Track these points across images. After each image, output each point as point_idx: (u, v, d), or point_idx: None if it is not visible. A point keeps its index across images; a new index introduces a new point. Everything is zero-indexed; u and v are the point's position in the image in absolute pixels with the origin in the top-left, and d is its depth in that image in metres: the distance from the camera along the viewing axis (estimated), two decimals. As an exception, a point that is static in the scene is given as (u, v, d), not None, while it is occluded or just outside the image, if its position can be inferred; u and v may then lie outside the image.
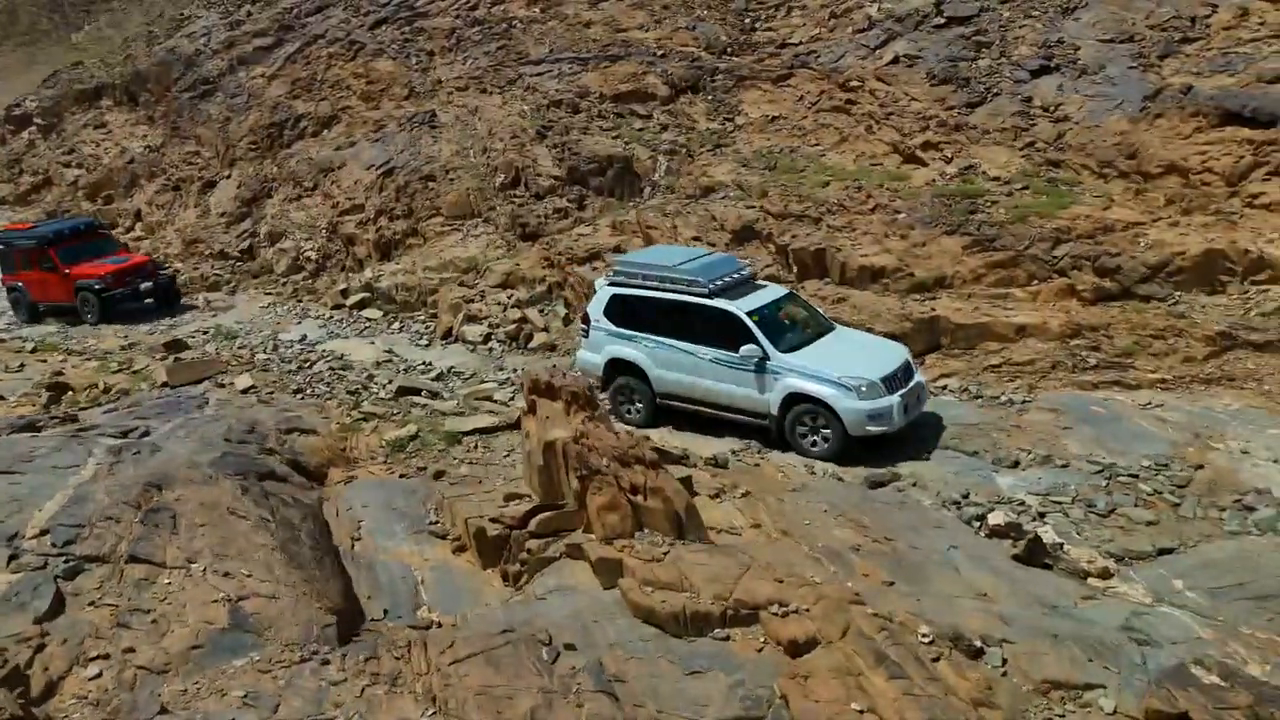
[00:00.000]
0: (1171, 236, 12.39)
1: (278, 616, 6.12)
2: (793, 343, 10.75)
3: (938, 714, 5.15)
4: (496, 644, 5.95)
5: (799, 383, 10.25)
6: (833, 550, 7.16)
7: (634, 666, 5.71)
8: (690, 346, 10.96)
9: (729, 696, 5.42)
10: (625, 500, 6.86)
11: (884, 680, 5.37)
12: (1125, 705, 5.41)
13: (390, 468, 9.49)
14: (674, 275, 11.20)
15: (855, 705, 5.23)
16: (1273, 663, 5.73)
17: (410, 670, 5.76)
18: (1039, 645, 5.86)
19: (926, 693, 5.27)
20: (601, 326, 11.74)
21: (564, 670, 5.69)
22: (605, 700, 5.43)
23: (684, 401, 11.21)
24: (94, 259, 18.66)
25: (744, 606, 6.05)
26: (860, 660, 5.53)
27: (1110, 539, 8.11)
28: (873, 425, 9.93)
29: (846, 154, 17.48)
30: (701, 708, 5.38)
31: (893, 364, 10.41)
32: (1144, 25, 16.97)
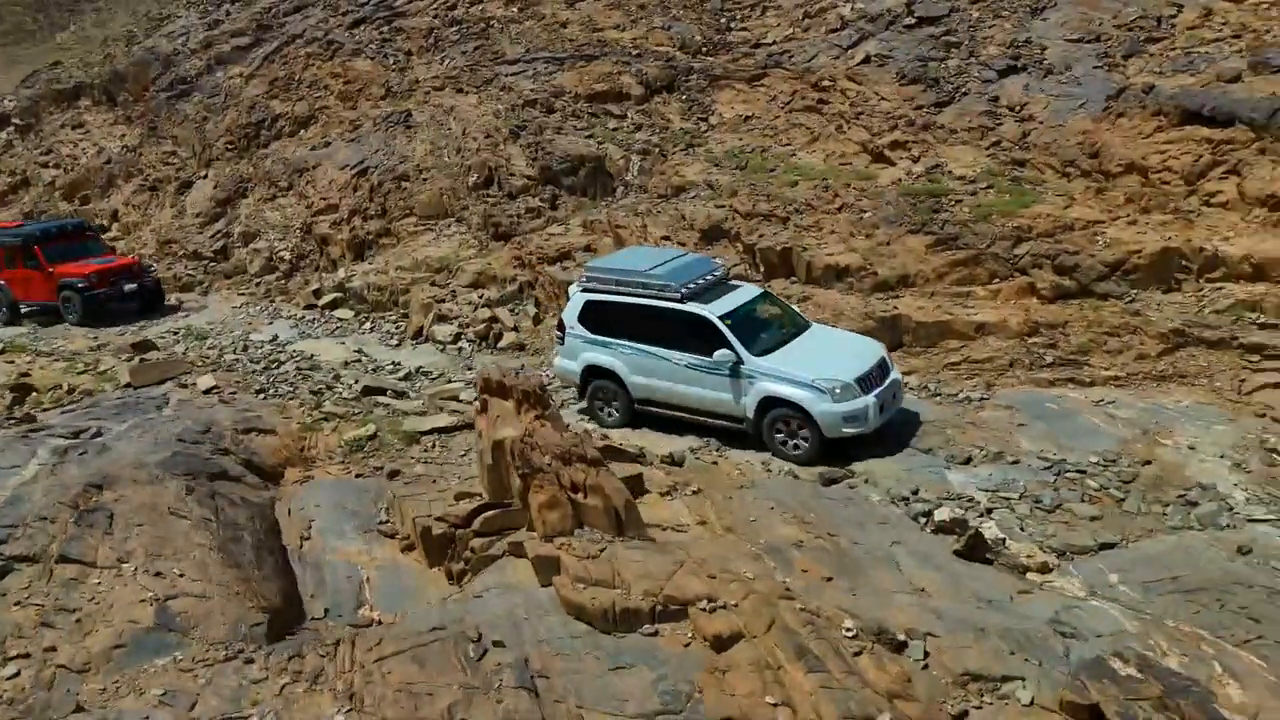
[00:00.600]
0: (1129, 235, 12.52)
1: (205, 616, 6.17)
2: (767, 345, 10.69)
3: (852, 706, 5.23)
4: (424, 641, 6.02)
5: (773, 386, 10.17)
6: (774, 547, 7.25)
7: (559, 663, 5.77)
8: (665, 352, 10.91)
9: (650, 691, 5.50)
10: (566, 498, 6.93)
11: (803, 674, 5.44)
12: (1042, 697, 5.50)
13: (347, 467, 9.53)
14: (646, 280, 11.15)
15: (770, 698, 5.31)
16: (1192, 655, 5.83)
17: (334, 668, 5.82)
18: (963, 639, 5.95)
19: (843, 685, 5.35)
20: (577, 333, 11.70)
21: (490, 667, 5.76)
22: (525, 696, 5.50)
23: (661, 407, 11.17)
24: (80, 259, 18.56)
25: (673, 602, 6.13)
26: (781, 654, 5.61)
27: (1054, 534, 8.21)
28: (849, 427, 9.88)
29: (817, 153, 17.58)
30: (622, 703, 5.45)
31: (868, 363, 10.38)
32: (1111, 25, 17.14)
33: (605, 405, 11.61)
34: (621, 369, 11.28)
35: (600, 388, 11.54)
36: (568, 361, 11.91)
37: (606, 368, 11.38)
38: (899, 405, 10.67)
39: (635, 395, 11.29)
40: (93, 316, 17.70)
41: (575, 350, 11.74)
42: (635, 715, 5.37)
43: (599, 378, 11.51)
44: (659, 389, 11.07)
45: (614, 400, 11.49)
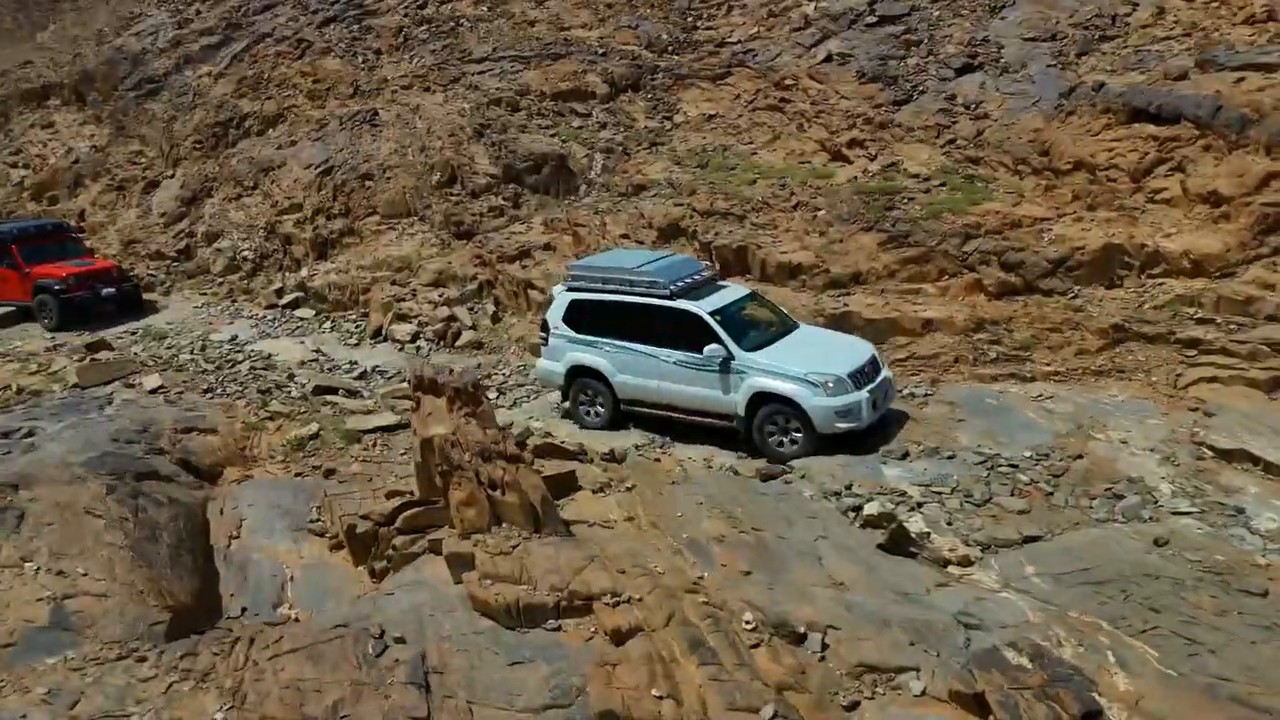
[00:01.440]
0: (1075, 232, 12.64)
1: (103, 615, 6.20)
2: (757, 341, 10.60)
3: (738, 698, 5.30)
4: (324, 639, 6.06)
5: (765, 381, 10.05)
6: (697, 541, 7.32)
7: (458, 659, 5.83)
8: (652, 350, 10.79)
9: (543, 686, 5.56)
10: (484, 495, 6.98)
11: (695, 667, 5.51)
12: (935, 688, 5.58)
13: (288, 466, 9.56)
14: (634, 278, 11.05)
15: (656, 691, 5.38)
16: (1088, 645, 5.92)
17: (225, 666, 5.86)
18: (864, 631, 6.03)
19: (733, 678, 5.43)
20: (561, 333, 11.55)
21: (387, 663, 5.81)
22: (414, 691, 5.56)
23: (648, 406, 10.99)
24: (58, 260, 18.11)
25: (578, 598, 6.19)
26: (676, 647, 5.68)
27: (981, 528, 8.31)
28: (842, 422, 9.79)
29: (778, 152, 17.66)
30: (514, 697, 5.51)
31: (859, 360, 10.32)
32: (1068, 24, 17.27)
33: (589, 406, 11.45)
34: (607, 368, 11.14)
35: (585, 386, 11.38)
36: (551, 363, 11.72)
37: (592, 368, 11.24)
38: (890, 404, 10.59)
39: (622, 395, 11.14)
40: (69, 321, 17.20)
41: (559, 351, 11.57)
42: (525, 709, 5.43)
43: (584, 378, 11.35)
44: (647, 388, 10.93)
45: (598, 400, 11.35)
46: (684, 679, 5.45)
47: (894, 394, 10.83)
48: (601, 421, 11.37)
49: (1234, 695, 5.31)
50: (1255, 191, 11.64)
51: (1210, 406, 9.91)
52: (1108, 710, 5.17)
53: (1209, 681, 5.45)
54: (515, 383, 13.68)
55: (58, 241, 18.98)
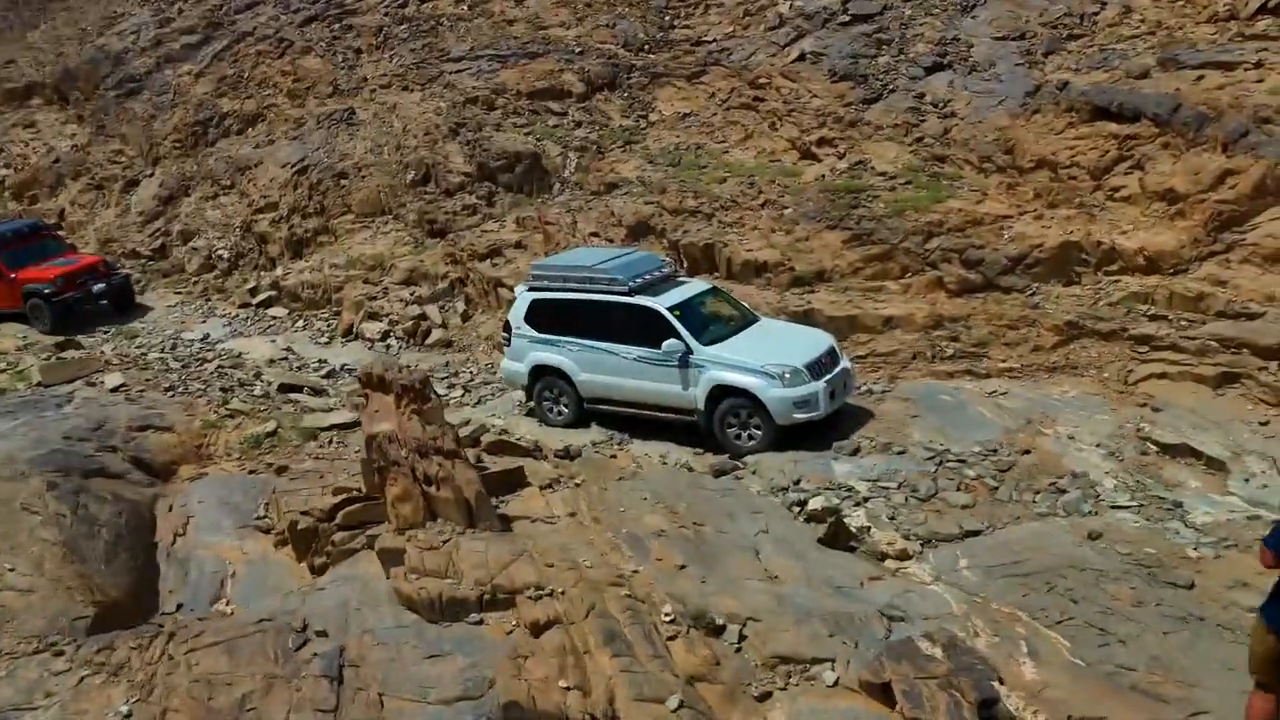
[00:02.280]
0: (1034, 229, 12.74)
1: (24, 609, 6.28)
2: (716, 335, 10.68)
3: (645, 689, 5.38)
4: (246, 633, 6.14)
5: (723, 374, 10.17)
6: (635, 536, 7.40)
7: (377, 652, 5.92)
8: (614, 347, 10.87)
9: (458, 678, 5.64)
10: (419, 491, 7.06)
11: (608, 658, 5.60)
12: (848, 678, 5.67)
13: (243, 464, 9.63)
14: (593, 275, 11.12)
15: (564, 683, 5.46)
16: (1003, 635, 6.02)
17: (141, 660, 5.93)
18: (783, 623, 6.11)
19: (645, 670, 5.51)
20: (523, 333, 11.61)
21: (305, 656, 5.89)
22: (325, 684, 5.64)
23: (612, 404, 11.10)
24: (41, 262, 17.59)
25: (502, 591, 6.27)
26: (591, 639, 5.77)
27: (923, 522, 8.39)
28: (799, 413, 9.91)
29: (750, 150, 17.75)
30: (428, 689, 5.60)
31: (817, 351, 10.41)
32: (1037, 23, 17.36)
33: (553, 404, 11.54)
34: (570, 367, 11.21)
35: (549, 385, 11.46)
36: (514, 363, 11.77)
37: (555, 366, 11.31)
38: (850, 394, 10.68)
39: (585, 393, 11.20)
40: (64, 324, 16.57)
41: (522, 351, 11.63)
42: (437, 701, 5.52)
43: (548, 376, 11.43)
44: (609, 385, 11.00)
45: (562, 398, 11.42)
46: (595, 670, 5.53)
47: (854, 384, 10.88)
48: (566, 419, 11.42)
49: (1134, 684, 5.41)
50: (1210, 189, 11.73)
51: (1158, 402, 10.01)
52: (1006, 699, 5.27)
53: (1113, 670, 5.54)
54: (482, 380, 13.78)
55: (36, 241, 18.57)
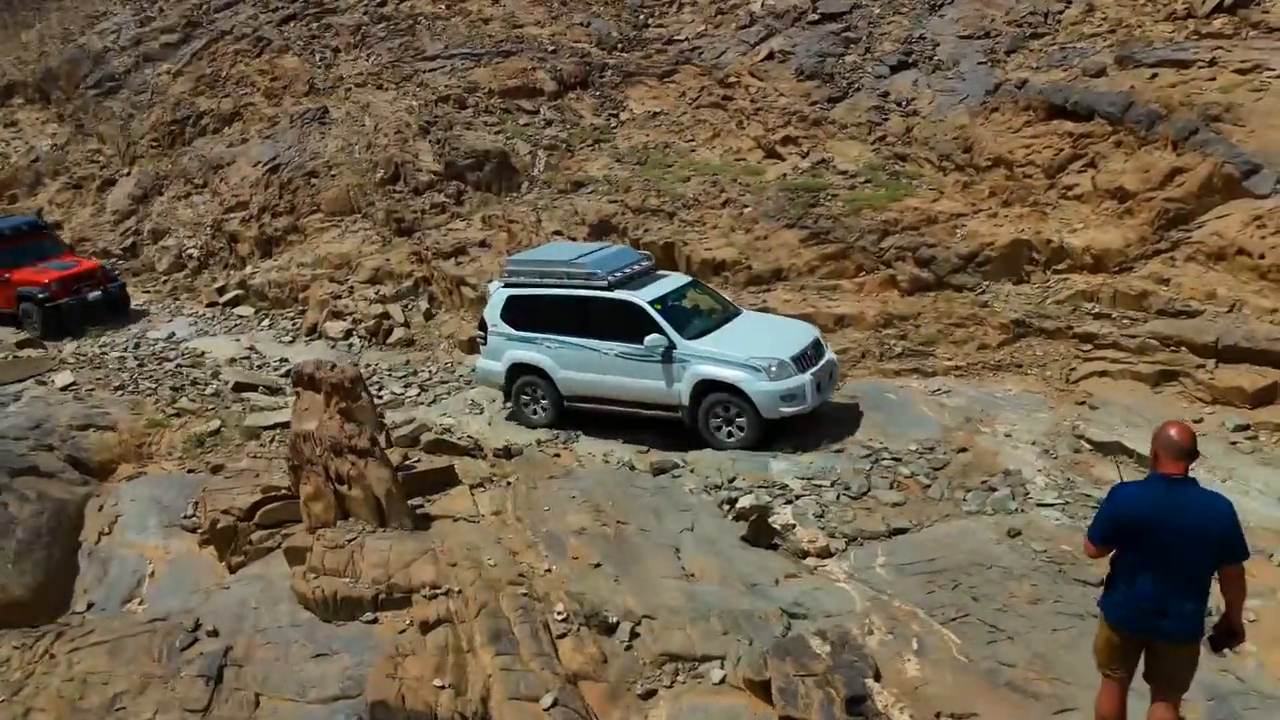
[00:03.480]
0: (987, 228, 12.76)
1: None
2: (699, 329, 10.45)
3: (521, 688, 5.40)
4: (134, 632, 6.18)
5: (707, 369, 9.93)
6: (554, 535, 7.43)
7: (266, 651, 5.95)
8: (594, 343, 10.59)
9: (339, 678, 5.68)
10: (330, 490, 7.10)
11: (490, 657, 5.62)
12: (734, 676, 5.70)
13: (183, 463, 9.67)
14: (571, 270, 10.83)
15: (438, 682, 5.48)
16: (897, 633, 6.04)
17: (21, 660, 5.97)
18: (679, 621, 6.14)
19: (526, 668, 5.53)
20: (500, 331, 11.29)
21: (190, 656, 5.92)
22: (201, 684, 5.67)
23: (592, 402, 10.81)
24: (37, 263, 16.90)
25: (398, 590, 6.30)
26: (477, 638, 5.79)
27: (851, 519, 8.41)
28: (786, 406, 9.72)
29: (717, 149, 17.76)
30: (309, 688, 5.63)
31: (801, 343, 10.20)
32: (1003, 21, 17.39)
33: (532, 402, 11.27)
34: (549, 364, 10.93)
35: (527, 384, 11.18)
36: (490, 362, 11.48)
37: (533, 365, 11.02)
38: (835, 387, 10.54)
39: (565, 392, 10.92)
40: (56, 329, 16.02)
41: (499, 349, 11.33)
42: (314, 701, 5.55)
43: (526, 375, 11.15)
44: (589, 383, 10.74)
45: (541, 397, 11.16)
46: (475, 669, 5.56)
47: (839, 376, 10.74)
48: (547, 419, 11.16)
49: (1011, 681, 5.43)
50: (1159, 187, 11.75)
51: (1096, 400, 10.03)
52: (878, 696, 5.30)
53: (993, 668, 5.56)
54: (439, 379, 13.80)
55: (35, 240, 17.79)
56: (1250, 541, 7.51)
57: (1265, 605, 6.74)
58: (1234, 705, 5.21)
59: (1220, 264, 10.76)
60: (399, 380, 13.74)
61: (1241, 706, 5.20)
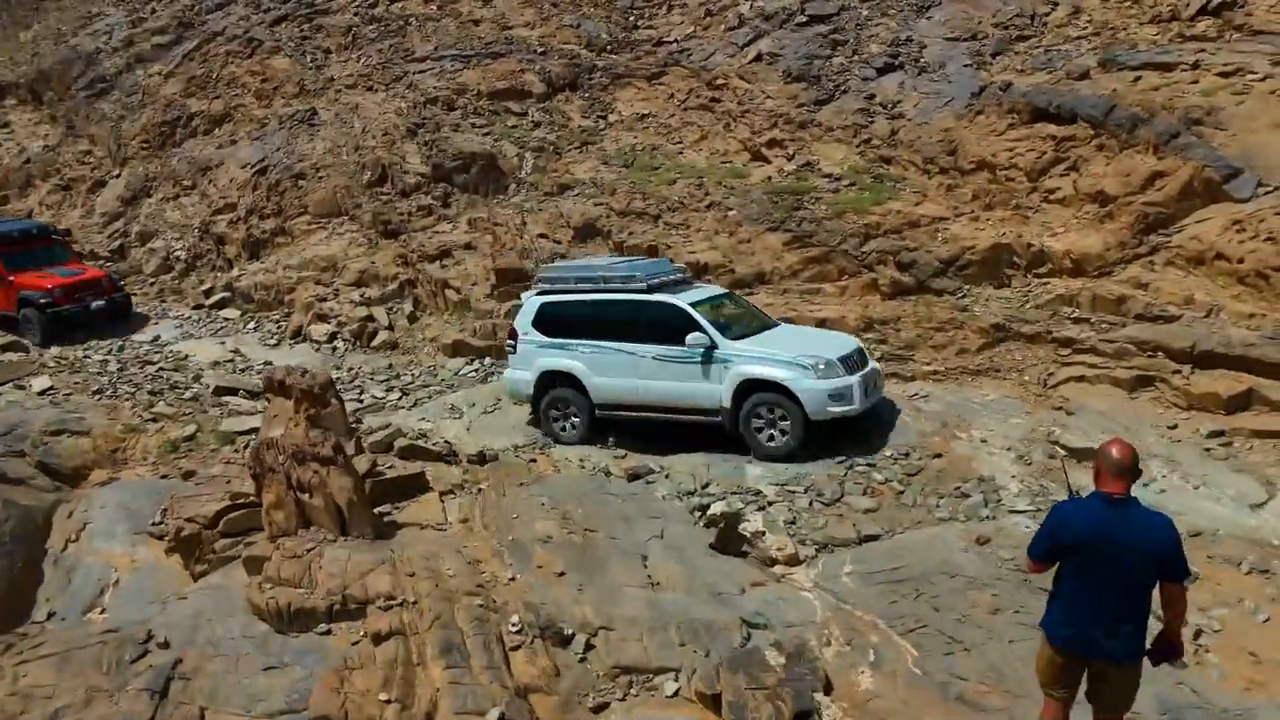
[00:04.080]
0: (968, 231, 12.72)
1: None
2: (739, 333, 10.25)
3: (468, 702, 5.36)
4: (87, 644, 6.15)
5: (751, 368, 9.61)
6: (520, 543, 7.40)
7: (216, 664, 5.92)
8: (630, 347, 10.27)
9: (287, 691, 5.65)
10: (292, 498, 7.07)
11: (440, 670, 5.59)
12: (687, 689, 5.67)
13: (156, 468, 9.64)
14: (608, 275, 10.65)
15: (385, 695, 5.45)
16: (855, 643, 6.02)
17: None
18: (635, 632, 6.10)
19: (475, 681, 5.50)
20: (531, 339, 10.92)
21: (140, 668, 5.89)
22: (145, 698, 5.64)
23: (627, 409, 10.39)
24: (44, 268, 16.62)
25: (353, 601, 6.27)
26: (429, 650, 5.77)
27: (823, 526, 8.39)
28: (834, 405, 9.38)
29: (703, 151, 17.74)
30: (256, 702, 5.60)
31: (846, 349, 9.98)
32: (990, 23, 17.35)
33: (562, 419, 10.80)
34: (582, 370, 10.53)
35: (557, 399, 10.72)
36: (520, 371, 11.02)
37: (565, 371, 10.61)
38: (880, 394, 10.24)
39: (598, 399, 10.51)
40: (56, 336, 15.73)
41: (529, 357, 10.90)
42: (261, 715, 5.52)
43: (557, 386, 10.70)
44: (624, 388, 10.35)
45: (571, 410, 10.69)
46: (424, 682, 5.53)
47: (883, 384, 10.46)
48: (578, 435, 10.67)
49: (961, 694, 5.40)
50: (1140, 191, 11.72)
51: (1073, 405, 10.00)
52: (828, 709, 5.27)
53: (946, 680, 5.54)
54: (421, 383, 13.77)
55: (42, 245, 17.44)
56: (1219, 550, 7.58)
57: (1231, 614, 6.72)
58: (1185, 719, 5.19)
59: (1199, 269, 10.72)
60: (380, 384, 13.72)
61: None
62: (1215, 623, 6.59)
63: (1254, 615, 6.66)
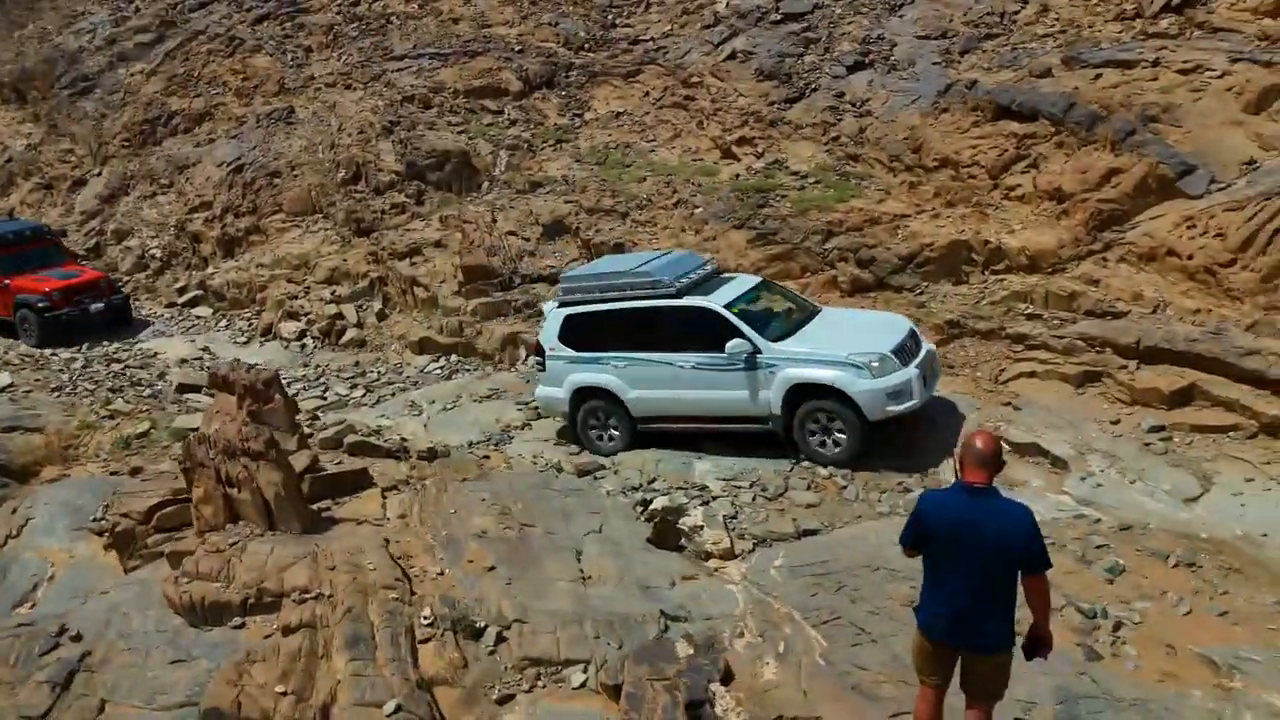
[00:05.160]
0: (929, 228, 12.75)
1: None
2: (782, 330, 9.64)
3: (367, 694, 5.40)
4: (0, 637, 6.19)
5: (800, 371, 9.01)
6: (453, 538, 7.45)
7: (125, 657, 5.97)
8: (666, 357, 9.70)
9: (191, 684, 5.70)
10: (220, 493, 7.12)
11: (345, 662, 5.63)
12: (595, 681, 5.72)
13: (108, 465, 9.69)
14: (633, 280, 9.97)
15: (282, 688, 5.49)
16: (768, 635, 6.06)
17: None
18: (550, 625, 6.14)
19: (378, 674, 5.54)
20: (559, 354, 10.40)
21: (48, 661, 5.94)
22: (45, 690, 5.69)
23: (669, 421, 9.91)
24: (41, 270, 16.57)
25: (269, 594, 6.32)
26: (335, 643, 5.81)
27: (763, 520, 8.43)
28: (894, 404, 8.80)
29: (676, 149, 17.77)
30: (159, 696, 5.65)
31: (898, 334, 9.37)
32: (961, 21, 17.35)
33: (602, 430, 10.37)
34: (617, 385, 10.01)
35: (594, 409, 10.26)
36: (552, 389, 10.51)
37: (600, 387, 10.11)
38: (938, 378, 9.71)
39: (638, 413, 10.01)
40: (53, 339, 15.70)
41: (559, 374, 10.40)
42: (160, 708, 5.57)
43: (592, 399, 10.25)
44: (664, 400, 9.82)
45: (611, 421, 10.23)
46: (326, 674, 5.57)
47: (940, 368, 9.88)
48: (619, 445, 10.21)
49: (858, 684, 5.44)
50: (1096, 188, 11.74)
51: (1021, 401, 10.03)
52: (721, 699, 5.31)
53: (848, 670, 5.58)
54: (386, 380, 13.83)
55: (38, 247, 17.36)
56: (1148, 544, 7.61)
57: (1154, 607, 6.76)
58: (1081, 709, 5.22)
59: (1151, 265, 10.76)
60: (345, 381, 13.78)
61: (1088, 711, 5.21)
62: (1136, 615, 6.63)
63: (1176, 608, 6.70)
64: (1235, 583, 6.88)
